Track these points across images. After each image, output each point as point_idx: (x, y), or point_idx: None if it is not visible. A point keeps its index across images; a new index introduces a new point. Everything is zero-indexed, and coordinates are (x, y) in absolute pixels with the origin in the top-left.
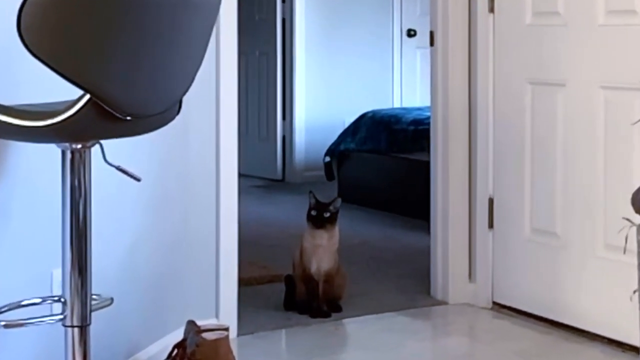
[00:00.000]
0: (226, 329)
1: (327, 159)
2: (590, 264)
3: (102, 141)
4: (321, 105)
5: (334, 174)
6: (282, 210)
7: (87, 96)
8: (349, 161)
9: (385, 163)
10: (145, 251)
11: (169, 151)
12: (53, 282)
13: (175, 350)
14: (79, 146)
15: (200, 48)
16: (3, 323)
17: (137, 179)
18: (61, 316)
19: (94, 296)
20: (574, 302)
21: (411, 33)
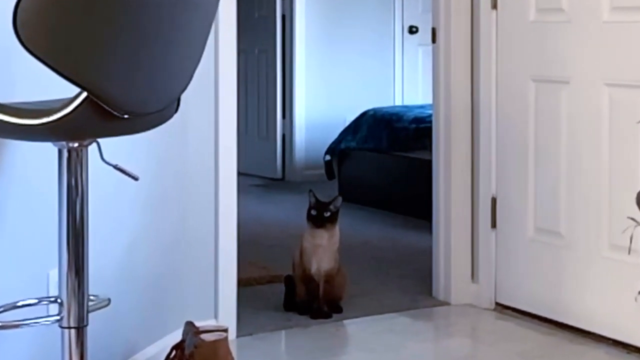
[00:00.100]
0: (225, 330)
1: (328, 157)
2: (595, 264)
3: (99, 140)
4: (321, 103)
5: (335, 173)
6: (282, 209)
7: (84, 94)
8: (350, 160)
9: (387, 162)
10: (143, 251)
11: (167, 150)
12: (49, 282)
13: (174, 352)
14: (76, 145)
15: (199, 45)
16: None
17: (135, 178)
18: (58, 317)
19: (91, 297)
20: (578, 303)
21: (413, 30)
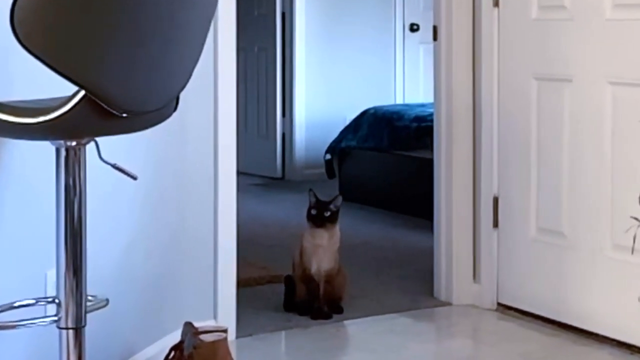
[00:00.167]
0: (224, 330)
1: (328, 156)
2: (598, 264)
3: (97, 138)
4: (322, 102)
5: (335, 172)
6: (281, 209)
7: (82, 92)
8: (350, 159)
9: (387, 161)
10: (141, 251)
11: (166, 149)
12: (47, 282)
13: (173, 353)
14: (74, 144)
15: (198, 43)
16: None
17: (134, 177)
18: (55, 318)
19: (89, 297)
20: (581, 303)
21: (414, 27)
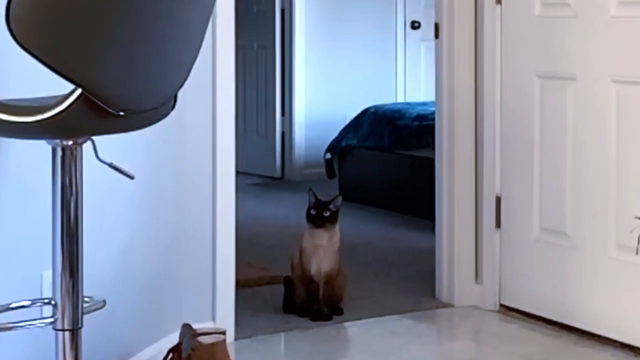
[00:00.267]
0: (223, 332)
1: (328, 155)
2: (602, 265)
3: (94, 137)
4: (322, 101)
5: (335, 172)
6: (281, 209)
7: (79, 91)
8: (351, 158)
9: (388, 160)
10: (139, 252)
11: (164, 148)
12: (43, 283)
13: (170, 355)
14: (70, 143)
15: (196, 41)
16: None
17: (131, 177)
18: (51, 319)
19: (85, 298)
20: (584, 305)
21: (415, 25)
